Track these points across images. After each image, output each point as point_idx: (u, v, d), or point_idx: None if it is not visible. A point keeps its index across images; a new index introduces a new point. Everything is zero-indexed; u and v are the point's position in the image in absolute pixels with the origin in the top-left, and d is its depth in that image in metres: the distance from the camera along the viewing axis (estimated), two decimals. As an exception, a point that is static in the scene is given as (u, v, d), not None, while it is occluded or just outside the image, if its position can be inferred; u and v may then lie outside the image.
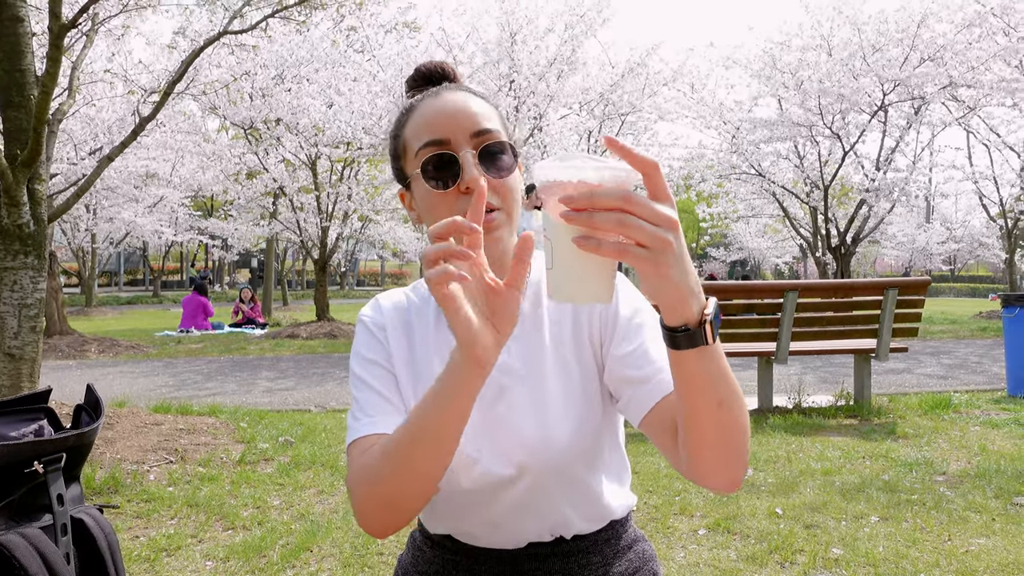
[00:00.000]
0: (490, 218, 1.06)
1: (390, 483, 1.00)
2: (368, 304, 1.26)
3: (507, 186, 1.08)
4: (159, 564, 3.10)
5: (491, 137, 1.07)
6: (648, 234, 0.74)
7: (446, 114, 1.07)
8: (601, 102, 15.00)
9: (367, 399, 1.14)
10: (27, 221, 4.36)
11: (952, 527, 3.41)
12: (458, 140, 1.06)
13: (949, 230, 30.89)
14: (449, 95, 1.10)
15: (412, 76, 1.21)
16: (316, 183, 14.25)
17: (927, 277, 6.84)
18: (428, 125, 1.08)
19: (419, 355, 1.19)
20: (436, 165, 1.06)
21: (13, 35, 4.24)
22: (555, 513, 1.16)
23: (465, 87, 1.13)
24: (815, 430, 5.37)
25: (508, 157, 1.08)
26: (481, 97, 1.12)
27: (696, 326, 0.83)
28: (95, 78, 9.01)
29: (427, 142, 1.06)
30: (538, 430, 1.11)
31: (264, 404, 6.85)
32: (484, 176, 1.04)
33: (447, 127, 1.06)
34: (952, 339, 12.82)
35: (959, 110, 14.70)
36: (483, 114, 1.09)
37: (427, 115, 1.09)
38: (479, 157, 1.06)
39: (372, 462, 1.02)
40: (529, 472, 1.12)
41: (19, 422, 1.49)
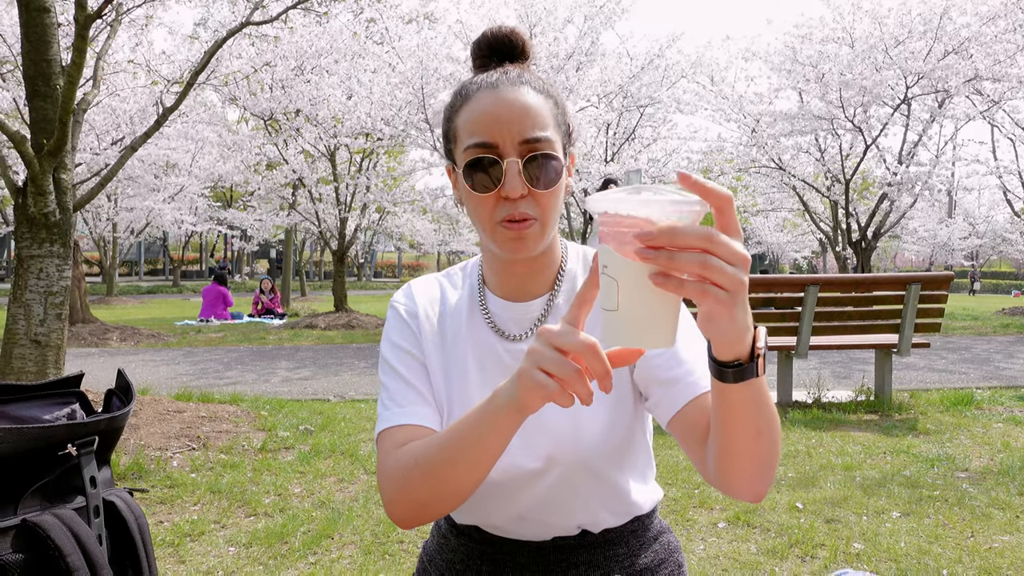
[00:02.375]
0: (524, 226, 1.05)
1: (422, 492, 1.01)
2: (401, 290, 1.26)
3: (548, 197, 1.06)
4: (183, 549, 3.13)
5: (540, 146, 1.03)
6: (729, 276, 0.70)
7: (497, 116, 1.03)
8: (620, 94, 14.92)
9: (397, 388, 1.15)
10: (53, 210, 4.41)
11: (975, 523, 3.38)
12: (506, 145, 1.03)
13: (972, 225, 30.55)
14: (505, 92, 1.05)
15: (477, 43, 1.14)
16: (335, 174, 14.31)
17: (950, 272, 6.76)
18: (478, 124, 1.04)
19: (451, 348, 1.19)
20: (479, 168, 1.04)
21: (39, 26, 4.29)
22: (581, 508, 1.16)
23: (526, 79, 1.07)
24: (835, 425, 5.34)
25: (554, 168, 1.05)
26: (541, 93, 1.07)
27: (748, 361, 0.81)
28: (118, 68, 9.08)
29: (475, 143, 1.04)
30: (568, 427, 1.11)
31: (283, 393, 6.90)
32: (526, 186, 1.03)
33: (497, 131, 1.03)
34: (974, 335, 12.68)
35: (983, 103, 14.49)
36: (537, 118, 1.04)
37: (480, 111, 1.04)
38: (524, 164, 1.03)
39: (404, 467, 1.03)
40: (557, 467, 1.12)
41: (52, 405, 1.51)
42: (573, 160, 1.14)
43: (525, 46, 1.13)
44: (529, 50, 1.14)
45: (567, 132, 1.11)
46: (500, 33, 1.13)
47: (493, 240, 1.08)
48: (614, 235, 0.72)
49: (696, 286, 0.70)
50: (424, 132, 12.96)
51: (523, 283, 1.17)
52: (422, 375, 1.17)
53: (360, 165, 14.93)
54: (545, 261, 1.16)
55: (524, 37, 1.14)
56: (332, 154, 14.18)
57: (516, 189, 1.02)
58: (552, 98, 1.08)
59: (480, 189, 1.04)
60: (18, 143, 4.30)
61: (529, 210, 1.04)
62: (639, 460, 1.21)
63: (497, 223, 1.05)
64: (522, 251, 1.07)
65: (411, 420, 1.11)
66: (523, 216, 1.04)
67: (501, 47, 1.12)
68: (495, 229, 1.06)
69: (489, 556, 1.20)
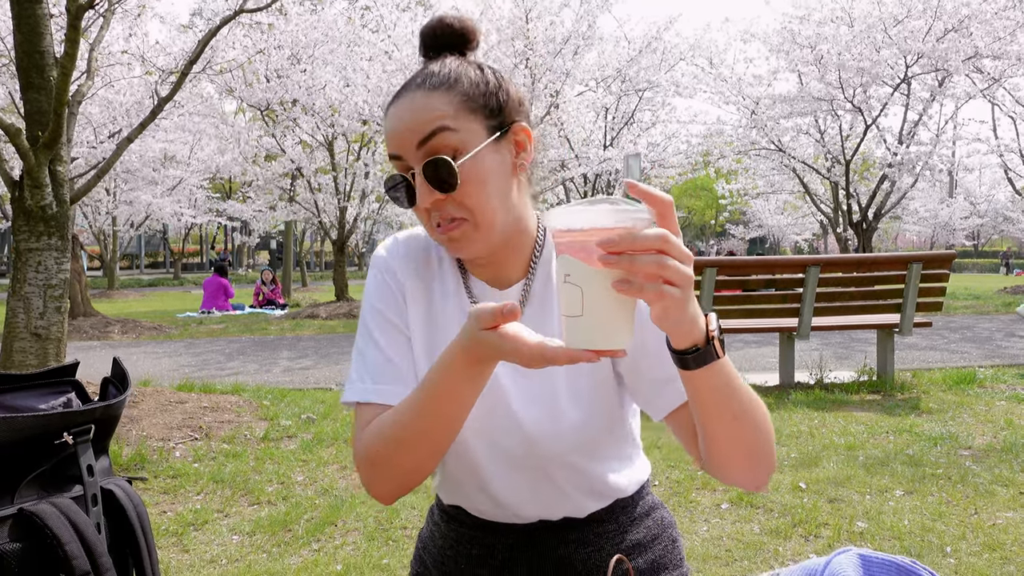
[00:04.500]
0: (451, 227, 1.02)
1: (391, 463, 1.02)
2: (385, 245, 1.19)
3: (466, 194, 1.00)
4: (187, 538, 3.14)
5: (436, 146, 0.99)
6: (681, 273, 0.76)
7: (395, 127, 1.02)
8: (618, 78, 14.87)
9: (376, 361, 1.11)
10: (50, 202, 4.39)
11: (978, 500, 3.38)
12: (408, 155, 1.01)
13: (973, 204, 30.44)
14: (402, 100, 1.03)
15: (421, 35, 1.10)
16: (333, 164, 14.27)
17: (952, 251, 6.74)
18: (388, 137, 1.04)
19: (438, 329, 1.14)
20: (394, 187, 1.03)
21: (31, 16, 4.25)
22: (562, 498, 1.15)
23: (428, 78, 1.03)
24: (838, 405, 5.34)
25: (450, 168, 0.98)
26: (439, 87, 1.02)
27: (705, 344, 0.85)
28: (113, 60, 9.03)
29: (390, 155, 1.04)
30: (543, 422, 1.08)
31: (285, 383, 6.90)
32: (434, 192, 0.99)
33: (398, 141, 1.01)
34: (975, 314, 12.67)
35: (984, 82, 14.42)
36: (426, 115, 0.99)
37: (387, 124, 1.04)
38: (423, 172, 0.99)
39: (373, 441, 1.03)
40: (532, 461, 1.10)
41: (47, 395, 1.50)
42: (528, 133, 1.07)
43: (467, 33, 1.08)
44: (472, 35, 1.09)
45: (493, 109, 1.03)
46: (434, 24, 1.09)
47: (440, 245, 1.09)
48: (576, 246, 0.78)
49: (652, 287, 0.75)
50: (422, 119, 12.88)
51: (496, 270, 1.13)
52: (403, 348, 1.12)
53: (358, 154, 14.88)
54: (512, 247, 1.11)
55: (461, 25, 1.08)
56: (330, 143, 14.13)
57: (425, 198, 1.00)
58: (457, 83, 1.02)
59: (402, 204, 1.05)
60: (13, 136, 4.28)
61: (454, 211, 1.01)
62: (623, 448, 1.19)
63: (434, 229, 1.04)
64: (462, 252, 1.05)
65: (386, 400, 1.08)
66: (449, 217, 1.01)
67: (442, 37, 1.08)
68: (436, 236, 1.05)
69: (479, 540, 1.20)
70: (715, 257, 7.01)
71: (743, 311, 5.88)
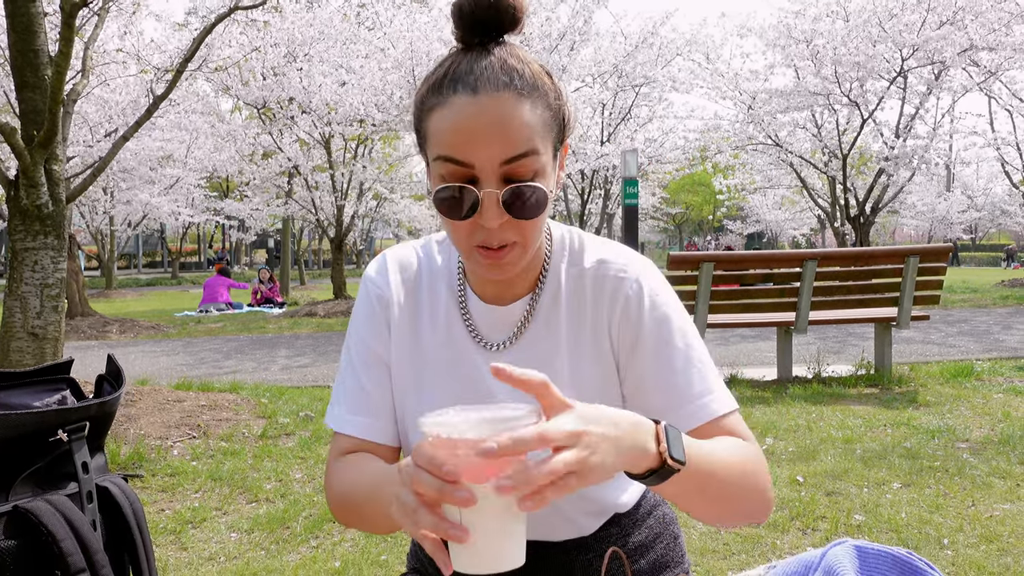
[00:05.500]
0: (502, 252, 0.94)
1: (350, 519, 1.05)
2: (374, 265, 1.16)
3: (530, 224, 0.93)
4: (185, 536, 3.14)
5: (523, 167, 0.90)
6: (577, 458, 0.70)
7: (475, 132, 0.88)
8: (615, 74, 14.86)
9: (352, 389, 1.11)
10: (45, 202, 4.38)
11: (976, 493, 3.39)
12: (483, 167, 0.89)
13: (970, 198, 30.46)
14: (485, 100, 0.88)
15: (458, 9, 0.92)
16: (330, 162, 14.25)
17: (949, 244, 6.74)
18: (452, 138, 0.90)
19: (426, 353, 1.11)
20: (453, 196, 0.91)
21: (25, 15, 4.24)
22: (563, 521, 1.14)
23: (511, 76, 0.90)
24: (835, 399, 5.34)
25: (538, 198, 0.91)
26: (528, 93, 0.91)
27: (659, 466, 0.81)
28: (108, 58, 9.01)
29: (447, 156, 0.90)
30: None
31: (283, 381, 6.90)
32: (505, 215, 0.91)
33: (473, 149, 0.89)
34: (973, 307, 12.68)
35: (980, 75, 14.42)
36: (522, 132, 0.89)
37: (455, 123, 0.89)
38: (504, 196, 0.90)
39: (337, 491, 1.06)
40: None
41: (42, 392, 1.50)
42: (567, 150, 1.02)
43: (516, 12, 0.92)
44: (521, 16, 0.93)
45: (561, 124, 0.96)
46: (485, 2, 0.91)
47: (468, 262, 0.99)
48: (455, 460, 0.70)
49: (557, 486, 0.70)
50: (418, 116, 12.87)
51: (502, 284, 1.07)
52: (382, 379, 1.11)
53: (355, 152, 14.87)
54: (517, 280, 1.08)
55: (514, 2, 0.92)
56: (327, 142, 14.12)
57: (493, 220, 0.90)
58: (543, 95, 0.92)
59: (454, 216, 0.93)
60: (8, 135, 4.27)
61: (510, 235, 0.93)
62: None
63: (474, 247, 0.95)
64: (500, 275, 0.98)
65: (357, 433, 1.08)
66: (503, 242, 0.93)
67: (486, 17, 0.92)
68: (471, 252, 0.96)
69: None
70: (713, 252, 7.01)
71: (740, 305, 5.88)
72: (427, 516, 0.71)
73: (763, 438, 4.36)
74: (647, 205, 26.54)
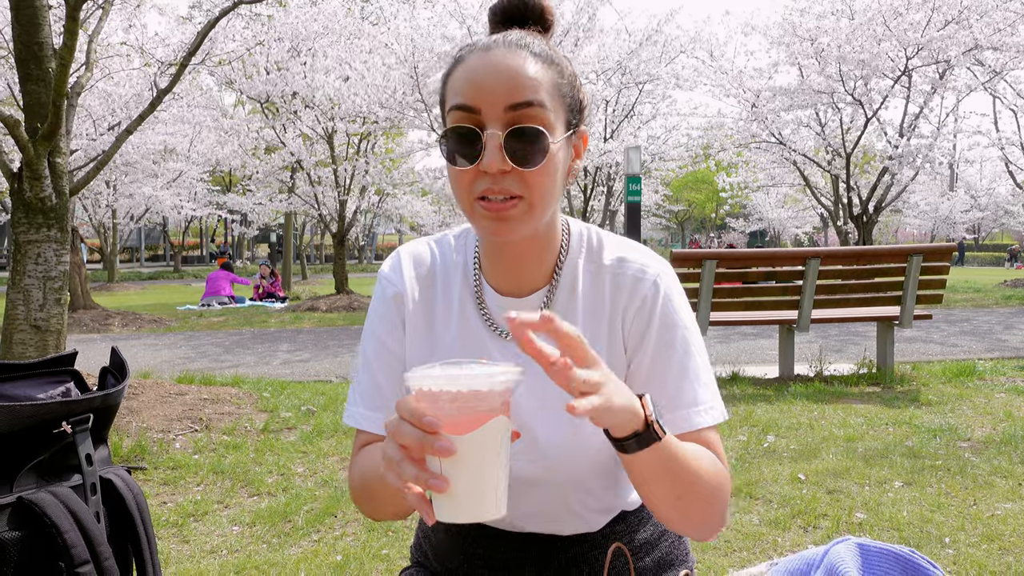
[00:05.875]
0: (506, 206, 0.94)
1: (365, 507, 1.09)
2: (389, 262, 1.17)
3: (536, 176, 0.94)
4: (187, 529, 3.14)
5: (528, 115, 0.93)
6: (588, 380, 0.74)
7: (484, 79, 0.93)
8: (618, 71, 14.83)
9: (368, 386, 1.12)
10: (49, 194, 4.38)
11: (977, 492, 3.38)
12: (489, 112, 0.92)
13: (974, 198, 30.42)
14: (498, 53, 0.95)
15: (492, 8, 1.04)
16: (333, 157, 14.25)
17: (952, 243, 6.73)
18: (464, 85, 0.95)
19: (440, 343, 1.12)
20: (457, 139, 0.94)
21: (29, 8, 4.24)
22: (572, 518, 1.14)
23: (527, 43, 0.97)
24: (837, 397, 5.34)
25: (541, 144, 0.93)
26: (541, 59, 0.96)
27: (644, 429, 0.84)
28: (111, 52, 9.01)
29: (457, 104, 0.94)
30: (562, 444, 1.06)
31: (285, 375, 6.91)
32: (508, 162, 0.92)
33: (481, 94, 0.93)
34: (975, 307, 12.67)
35: (984, 74, 14.37)
36: (528, 82, 0.93)
37: (468, 72, 0.95)
38: (507, 137, 0.92)
39: (353, 481, 1.10)
40: (547, 484, 1.09)
41: (46, 384, 1.50)
42: (585, 140, 1.04)
43: (544, 12, 1.03)
44: (550, 17, 1.03)
45: (574, 107, 1.00)
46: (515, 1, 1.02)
47: (472, 218, 0.99)
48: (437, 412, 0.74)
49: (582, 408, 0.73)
50: (420, 113, 12.88)
51: (518, 273, 1.08)
52: (397, 376, 1.12)
53: (358, 147, 14.86)
54: (541, 246, 1.07)
55: (543, 2, 1.03)
56: (330, 137, 14.11)
57: (494, 163, 0.92)
58: (556, 66, 0.98)
59: (458, 162, 0.95)
60: (12, 127, 4.27)
61: (514, 187, 0.94)
62: None
63: (475, 199, 0.95)
64: (502, 233, 0.97)
65: (374, 429, 1.10)
66: (506, 194, 0.94)
67: (516, 13, 1.02)
68: (473, 206, 0.96)
69: (483, 540, 1.19)
70: (715, 249, 7.00)
71: (743, 303, 5.88)
72: (409, 467, 0.74)
73: (764, 436, 4.36)
74: (650, 202, 26.50)
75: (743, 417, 4.77)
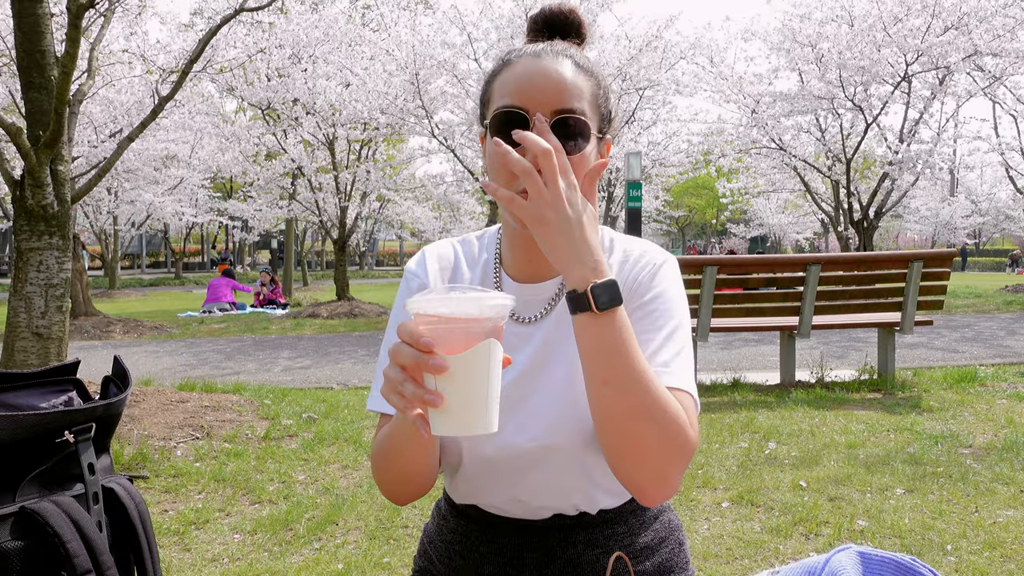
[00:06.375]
0: None
1: (387, 475, 1.11)
2: (415, 258, 1.26)
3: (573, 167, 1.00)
4: (188, 537, 3.14)
5: (570, 120, 1.03)
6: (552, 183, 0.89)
7: (533, 83, 1.03)
8: (619, 76, 14.83)
9: None
10: (51, 202, 4.39)
11: (979, 499, 3.38)
12: (536, 112, 1.01)
13: (974, 203, 30.42)
14: (546, 61, 1.05)
15: (534, 17, 1.15)
16: (334, 163, 14.27)
17: (953, 249, 6.73)
18: (513, 88, 1.04)
19: None
20: (506, 123, 1.02)
21: (32, 16, 4.25)
22: (577, 490, 1.15)
23: (571, 53, 1.07)
24: (838, 404, 5.34)
25: (582, 139, 1.03)
26: (584, 69, 1.07)
27: (581, 291, 0.91)
28: (113, 59, 9.04)
29: (505, 105, 1.03)
30: (566, 408, 1.09)
31: (286, 382, 6.91)
32: None
33: (530, 97, 1.02)
34: (976, 313, 12.66)
35: (984, 80, 14.38)
36: (573, 91, 1.03)
37: (516, 76, 1.05)
38: (553, 127, 1.01)
39: (374, 454, 1.13)
40: (554, 451, 1.11)
41: (49, 393, 1.50)
42: (609, 147, 1.12)
43: (581, 27, 1.14)
44: (585, 31, 1.14)
45: (606, 116, 1.10)
46: (558, 10, 1.13)
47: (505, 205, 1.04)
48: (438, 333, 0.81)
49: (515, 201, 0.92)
50: (421, 119, 12.90)
51: (537, 262, 1.15)
52: None
53: (359, 154, 14.88)
54: None
55: (581, 18, 1.14)
56: (331, 143, 14.14)
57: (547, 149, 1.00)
58: (595, 78, 1.08)
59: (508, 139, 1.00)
60: (14, 135, 4.28)
61: None
62: None
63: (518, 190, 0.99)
64: None
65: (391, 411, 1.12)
66: None
67: (556, 23, 1.13)
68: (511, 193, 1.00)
69: (487, 537, 1.20)
70: (716, 255, 7.00)
71: (744, 310, 5.88)
72: (409, 386, 0.82)
73: (766, 443, 4.36)
74: (650, 208, 26.53)
75: (744, 424, 4.76)
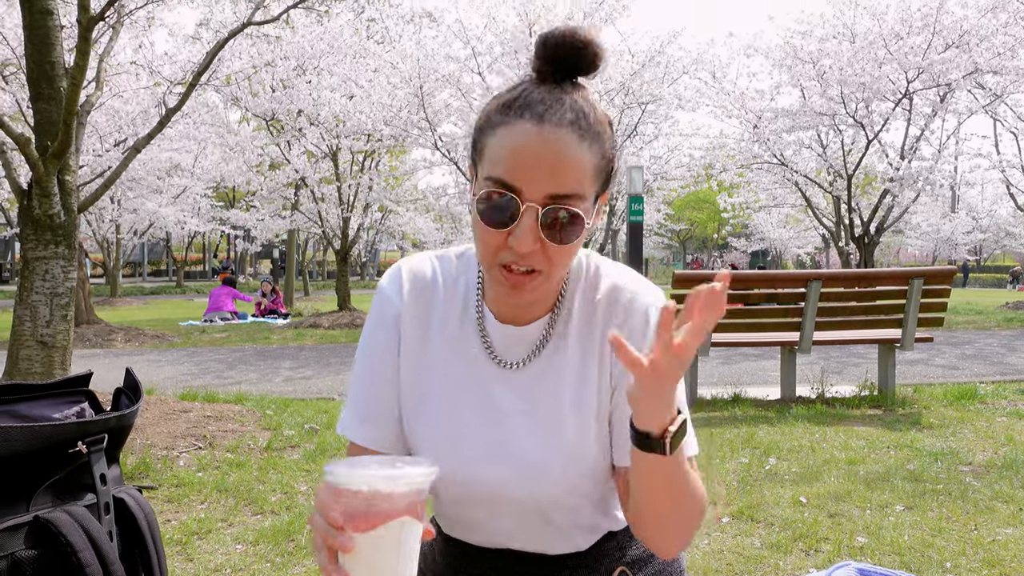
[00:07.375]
0: (525, 278, 0.97)
1: None
2: (388, 276, 1.16)
3: (561, 252, 0.96)
4: (191, 547, 3.15)
5: (568, 204, 0.93)
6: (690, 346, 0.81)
7: (528, 160, 0.92)
8: (621, 91, 14.90)
9: (360, 396, 1.13)
10: (57, 211, 4.43)
11: (978, 517, 3.39)
12: (530, 193, 0.92)
13: (975, 219, 30.47)
14: (547, 132, 0.92)
15: (543, 42, 0.97)
16: (337, 174, 14.33)
17: (954, 266, 6.76)
18: (508, 161, 0.93)
19: (435, 369, 1.12)
20: (493, 203, 0.94)
21: (43, 28, 4.31)
22: (559, 536, 1.14)
23: (577, 116, 0.94)
24: (839, 420, 5.35)
25: (576, 229, 0.95)
26: (587, 137, 0.94)
27: (659, 437, 0.89)
28: (121, 70, 9.11)
29: (497, 177, 0.93)
30: (550, 458, 1.06)
31: (287, 392, 6.92)
32: (539, 241, 0.94)
33: (523, 176, 0.92)
34: (977, 330, 12.67)
35: (985, 97, 14.46)
36: (572, 173, 0.93)
37: (513, 147, 0.93)
38: (543, 218, 0.93)
39: None
40: (532, 500, 1.09)
41: (62, 404, 1.53)
42: (605, 199, 1.03)
43: (595, 58, 0.97)
44: (600, 62, 0.98)
45: (607, 176, 1.00)
46: (571, 41, 0.95)
47: (488, 275, 1.01)
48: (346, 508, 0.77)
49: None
50: (425, 131, 12.97)
51: (523, 304, 1.08)
52: (388, 390, 1.13)
53: (362, 165, 14.95)
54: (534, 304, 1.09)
55: (597, 48, 0.96)
56: (334, 154, 14.21)
57: (526, 244, 0.93)
58: (599, 142, 0.96)
59: (493, 222, 0.94)
60: (22, 145, 4.33)
61: (537, 262, 0.95)
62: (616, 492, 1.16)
63: (498, 264, 0.97)
64: (516, 298, 0.99)
65: (362, 441, 1.12)
66: (529, 266, 0.96)
67: (567, 55, 0.96)
68: (493, 268, 0.98)
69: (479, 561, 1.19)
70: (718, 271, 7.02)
71: (745, 325, 5.90)
72: (321, 555, 0.81)
73: (766, 458, 4.37)
74: (652, 222, 26.58)
75: (745, 439, 4.78)
